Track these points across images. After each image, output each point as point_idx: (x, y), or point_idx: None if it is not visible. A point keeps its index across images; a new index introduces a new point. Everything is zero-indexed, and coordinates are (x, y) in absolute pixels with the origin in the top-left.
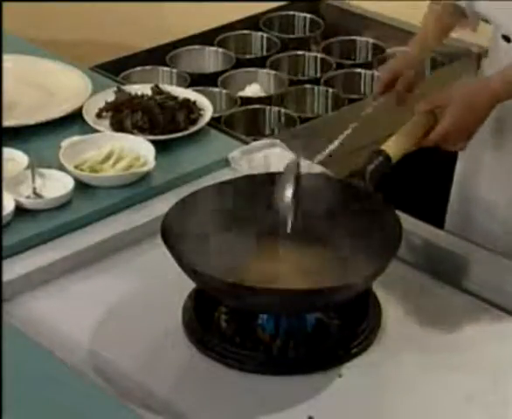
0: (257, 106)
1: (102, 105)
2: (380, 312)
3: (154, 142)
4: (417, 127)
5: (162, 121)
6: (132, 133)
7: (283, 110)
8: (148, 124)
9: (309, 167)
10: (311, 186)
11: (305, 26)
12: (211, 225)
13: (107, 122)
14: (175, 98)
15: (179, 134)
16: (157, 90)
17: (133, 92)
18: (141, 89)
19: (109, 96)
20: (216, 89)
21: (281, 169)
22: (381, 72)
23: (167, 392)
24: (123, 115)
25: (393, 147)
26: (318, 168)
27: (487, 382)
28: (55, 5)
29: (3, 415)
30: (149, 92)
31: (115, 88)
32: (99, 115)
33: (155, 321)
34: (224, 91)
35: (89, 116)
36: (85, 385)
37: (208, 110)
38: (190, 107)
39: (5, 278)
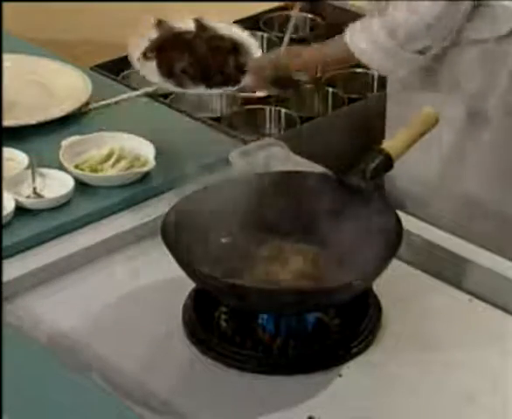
0: (257, 106)
1: (147, 45)
2: (380, 312)
3: (153, 142)
4: (417, 125)
5: (212, 68)
6: (180, 79)
7: (283, 110)
8: (199, 72)
9: (309, 166)
10: (311, 186)
11: (305, 26)
12: (211, 225)
13: (153, 65)
14: (221, 37)
15: (229, 89)
16: (200, 25)
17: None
18: (183, 25)
19: (153, 34)
20: None
21: (281, 169)
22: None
23: (167, 392)
24: (170, 59)
25: (394, 145)
26: (318, 168)
27: (487, 382)
28: (55, 5)
29: (3, 415)
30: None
31: (155, 21)
32: (145, 56)
33: (155, 321)
34: None
35: (135, 60)
36: (85, 385)
37: (255, 52)
38: (237, 50)
39: (5, 278)
